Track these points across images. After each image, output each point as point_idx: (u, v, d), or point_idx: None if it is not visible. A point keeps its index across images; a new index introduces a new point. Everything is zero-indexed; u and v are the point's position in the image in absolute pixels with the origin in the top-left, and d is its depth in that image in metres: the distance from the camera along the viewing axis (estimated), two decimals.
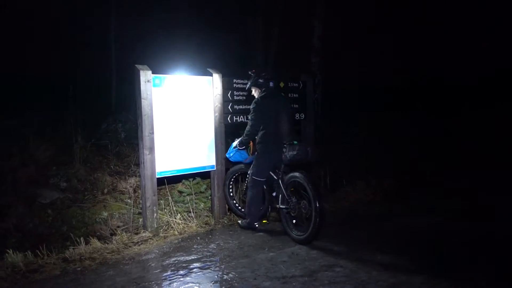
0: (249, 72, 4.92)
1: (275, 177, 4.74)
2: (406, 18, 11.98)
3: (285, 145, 4.51)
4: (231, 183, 5.33)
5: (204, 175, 5.70)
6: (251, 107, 4.73)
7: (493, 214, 5.29)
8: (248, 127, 4.75)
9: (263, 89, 4.80)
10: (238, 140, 4.92)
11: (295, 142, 4.51)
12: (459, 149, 8.43)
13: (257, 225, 4.81)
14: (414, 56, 12.01)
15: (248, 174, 4.88)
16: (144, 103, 4.59)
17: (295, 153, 4.41)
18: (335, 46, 10.86)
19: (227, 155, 5.17)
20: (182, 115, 4.98)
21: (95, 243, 4.27)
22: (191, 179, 5.75)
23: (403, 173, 7.23)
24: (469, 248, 4.15)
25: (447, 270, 3.59)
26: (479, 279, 3.39)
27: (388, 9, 11.82)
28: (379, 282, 3.35)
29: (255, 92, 4.90)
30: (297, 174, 4.42)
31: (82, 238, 4.27)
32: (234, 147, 5.00)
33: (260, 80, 4.80)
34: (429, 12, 12.00)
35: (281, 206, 4.60)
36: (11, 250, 3.93)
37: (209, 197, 5.66)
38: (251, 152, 4.96)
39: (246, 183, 5.06)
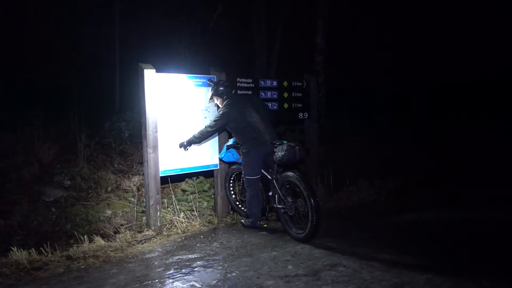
0: (207, 81, 4.90)
1: (269, 176, 4.73)
2: (410, 18, 11.95)
3: (275, 145, 4.51)
4: (231, 183, 5.34)
5: (207, 174, 5.72)
6: (216, 116, 4.64)
7: (498, 216, 5.27)
8: (203, 130, 4.65)
9: (225, 96, 4.75)
10: (188, 139, 4.77)
11: (285, 142, 4.50)
12: (463, 148, 8.40)
13: (260, 224, 4.81)
14: (419, 55, 11.97)
15: (242, 175, 4.89)
16: (148, 101, 4.60)
17: (283, 153, 4.38)
18: (339, 45, 10.85)
19: (219, 156, 5.16)
20: (186, 114, 4.99)
21: (99, 241, 4.29)
22: (194, 178, 5.75)
23: (407, 173, 7.21)
24: (474, 247, 4.14)
25: (451, 269, 3.58)
26: (483, 279, 3.38)
27: (392, 8, 11.79)
28: (382, 282, 3.34)
29: (217, 101, 4.86)
30: (289, 173, 4.43)
31: (85, 236, 4.29)
32: (227, 149, 4.99)
33: (221, 88, 4.74)
34: (434, 12, 11.96)
35: (278, 206, 4.61)
36: (15, 247, 3.95)
37: (212, 196, 5.67)
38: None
39: (242, 184, 5.09)
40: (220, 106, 4.79)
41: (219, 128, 4.74)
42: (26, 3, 9.35)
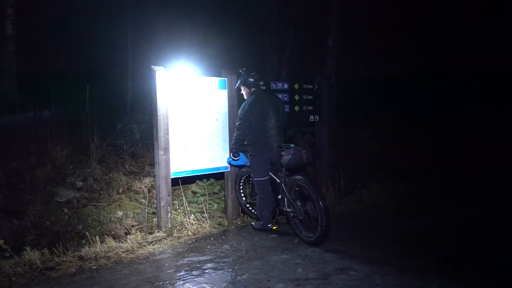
0: (240, 71, 4.90)
1: (278, 180, 4.72)
2: (423, 17, 11.81)
3: (283, 149, 4.50)
4: (241, 186, 5.34)
5: (217, 176, 5.72)
6: (239, 112, 4.70)
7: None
8: (235, 135, 4.70)
9: (253, 89, 4.77)
10: (230, 151, 4.86)
11: (292, 145, 4.49)
12: (480, 153, 8.20)
13: (270, 226, 4.80)
14: (431, 57, 11.82)
15: (251, 178, 4.88)
16: (160, 104, 4.63)
17: (290, 157, 4.38)
18: (351, 47, 10.79)
19: (227, 160, 5.17)
20: (197, 116, 5.00)
21: (110, 242, 4.32)
22: (205, 180, 5.76)
23: (420, 177, 7.12)
24: (488, 254, 4.07)
25: (464, 275, 3.53)
26: (496, 285, 3.33)
27: (403, 8, 11.68)
28: (394, 287, 3.31)
29: (244, 91, 4.89)
30: (298, 177, 4.42)
31: (97, 237, 4.33)
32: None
33: (250, 80, 4.76)
34: (447, 11, 11.79)
35: (287, 210, 4.60)
36: (28, 247, 4.00)
37: (223, 198, 5.68)
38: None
39: (251, 186, 5.10)
40: (246, 97, 4.83)
41: (247, 127, 4.66)
42: (40, 5, 9.51)
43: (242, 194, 5.35)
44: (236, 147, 4.78)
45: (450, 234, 4.72)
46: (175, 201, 5.43)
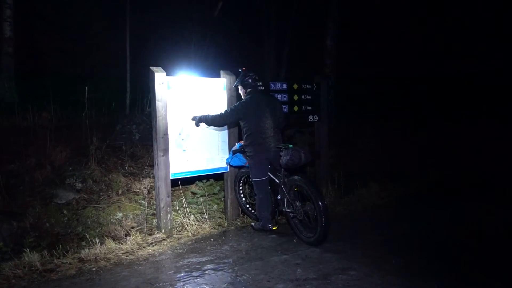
0: (239, 70, 4.89)
1: (277, 180, 4.72)
2: (423, 18, 11.82)
3: (281, 149, 4.49)
4: (240, 186, 5.34)
5: (217, 177, 5.72)
6: (233, 105, 4.73)
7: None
8: (214, 115, 4.67)
9: (249, 89, 4.77)
10: (201, 116, 4.79)
11: (290, 145, 4.49)
12: (478, 154, 8.23)
13: (270, 227, 4.79)
14: (431, 57, 11.83)
15: (250, 179, 4.88)
16: (159, 105, 4.62)
17: (288, 157, 4.38)
18: (350, 47, 10.80)
19: (226, 161, 5.17)
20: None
21: (110, 243, 4.32)
22: (204, 181, 5.76)
23: (419, 177, 7.13)
24: (489, 253, 4.08)
25: (463, 275, 3.53)
26: (496, 284, 3.33)
27: (402, 8, 11.69)
28: (394, 286, 3.31)
29: (241, 91, 4.89)
30: (296, 177, 4.42)
31: (97, 239, 4.32)
32: (234, 154, 4.99)
33: (248, 80, 4.76)
34: (447, 10, 11.80)
35: (287, 210, 4.59)
36: (28, 249, 4.00)
37: (222, 199, 5.68)
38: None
39: (251, 187, 5.10)
40: (242, 96, 4.83)
41: (230, 122, 4.78)
42: (42, 10, 9.53)
43: (242, 195, 5.35)
44: (200, 120, 4.75)
45: (450, 234, 4.72)
46: (175, 202, 5.43)
